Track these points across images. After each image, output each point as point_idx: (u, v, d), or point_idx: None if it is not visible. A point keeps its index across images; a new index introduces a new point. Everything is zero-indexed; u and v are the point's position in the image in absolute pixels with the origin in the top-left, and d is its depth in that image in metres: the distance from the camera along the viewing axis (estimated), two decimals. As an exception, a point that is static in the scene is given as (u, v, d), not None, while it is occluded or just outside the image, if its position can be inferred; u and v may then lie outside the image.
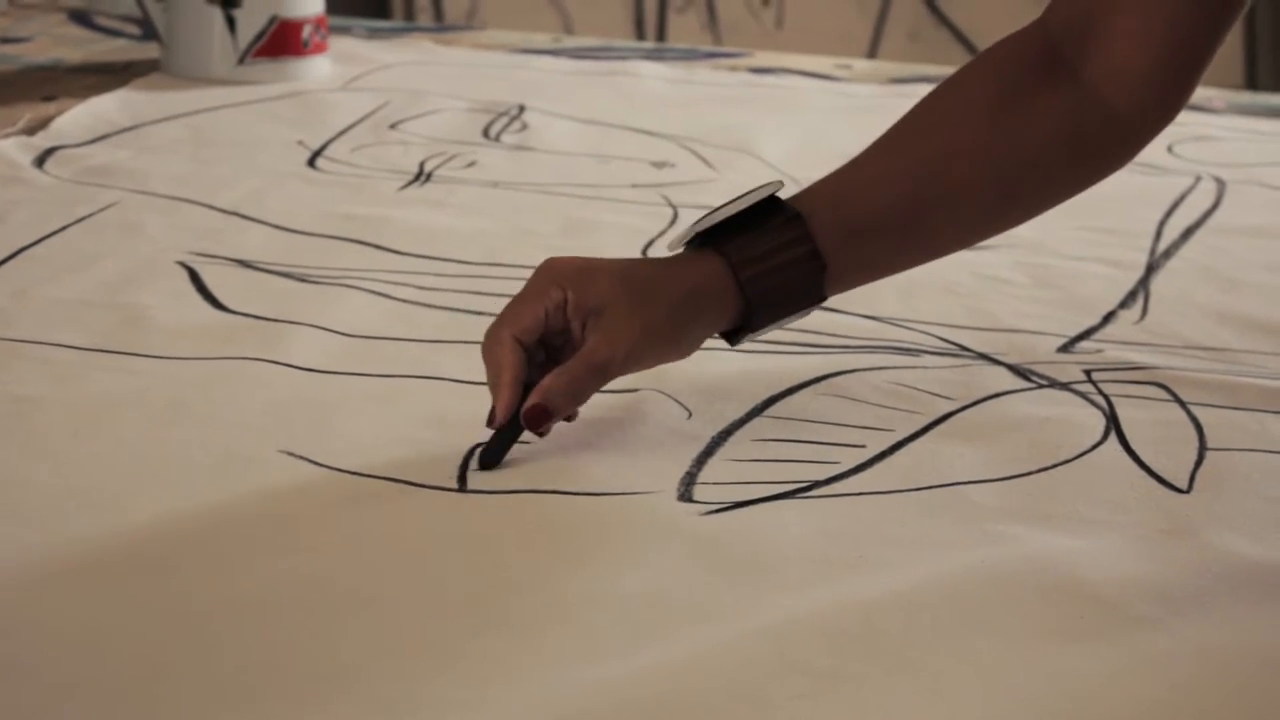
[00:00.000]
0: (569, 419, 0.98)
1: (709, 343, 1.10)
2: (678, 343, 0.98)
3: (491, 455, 0.96)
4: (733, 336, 1.01)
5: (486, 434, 0.98)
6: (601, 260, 0.98)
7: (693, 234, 0.99)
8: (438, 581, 0.86)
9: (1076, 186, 1.03)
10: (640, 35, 2.84)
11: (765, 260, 0.98)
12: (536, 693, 0.76)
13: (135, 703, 0.76)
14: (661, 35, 2.83)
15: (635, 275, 0.97)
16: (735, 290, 0.98)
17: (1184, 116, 1.66)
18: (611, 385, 1.05)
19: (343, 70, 1.76)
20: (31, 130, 1.53)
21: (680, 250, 1.00)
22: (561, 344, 0.97)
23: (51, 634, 0.80)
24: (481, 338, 0.97)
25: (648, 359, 0.98)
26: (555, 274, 0.97)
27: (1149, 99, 1.00)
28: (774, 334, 1.10)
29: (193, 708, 0.76)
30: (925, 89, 1.73)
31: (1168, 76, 0.99)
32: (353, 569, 0.86)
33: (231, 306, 1.17)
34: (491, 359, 0.97)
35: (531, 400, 0.95)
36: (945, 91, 1.04)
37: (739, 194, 0.99)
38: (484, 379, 1.04)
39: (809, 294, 1.00)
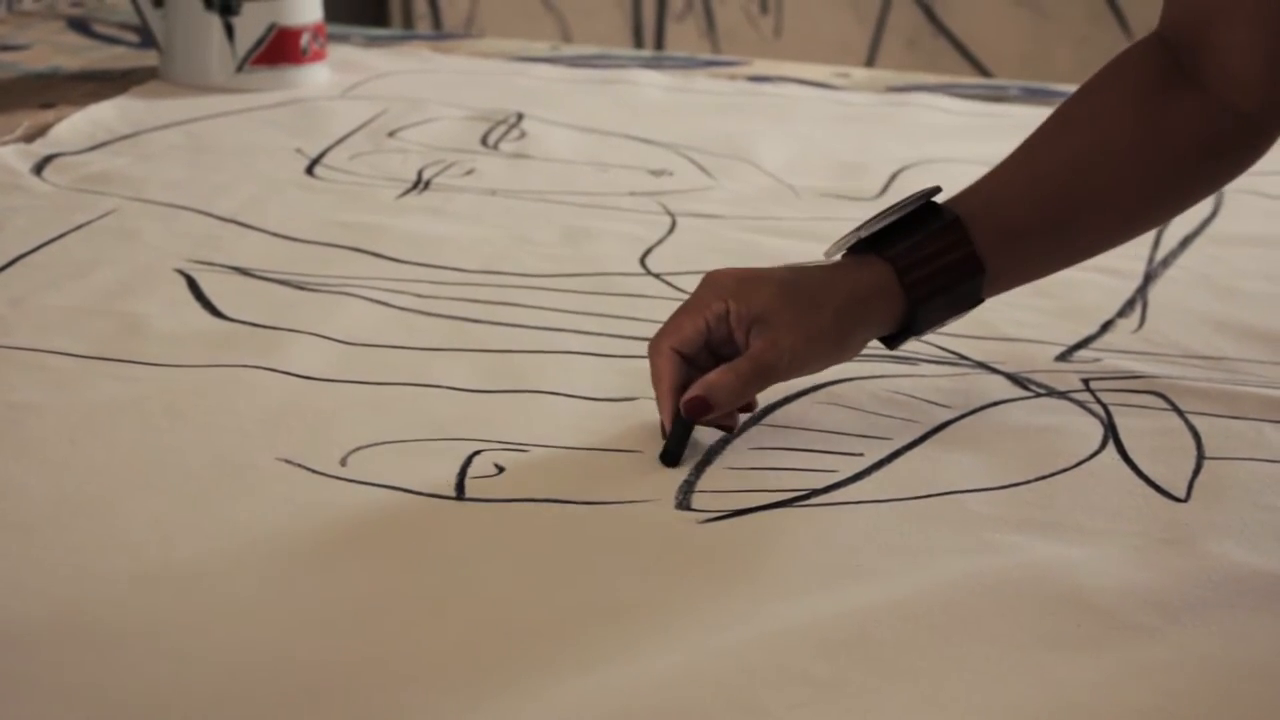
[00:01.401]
0: (728, 429, 1.00)
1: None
2: (842, 346, 1.00)
3: (671, 454, 0.98)
4: (891, 341, 1.03)
5: (481, 444, 0.98)
6: (763, 270, 1.00)
7: (855, 240, 1.01)
8: (434, 590, 0.85)
9: (1214, 184, 1.06)
10: (638, 43, 2.84)
11: (928, 264, 1.00)
12: (533, 702, 0.76)
13: (130, 709, 0.76)
14: (660, 43, 2.83)
15: (798, 283, 0.99)
16: (899, 294, 1.00)
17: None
18: (610, 392, 1.05)
19: (341, 78, 1.76)
20: (30, 137, 1.53)
21: (838, 257, 1.02)
22: (730, 354, 0.99)
23: (48, 640, 0.80)
24: (482, 345, 0.98)
25: (813, 363, 1.00)
26: (717, 286, 0.99)
27: (1270, 99, 1.02)
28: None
29: (189, 715, 0.76)
30: (923, 97, 1.74)
31: None
32: (349, 577, 0.86)
33: (229, 314, 1.17)
34: (653, 369, 0.99)
35: (693, 392, 0.97)
36: (1081, 98, 1.05)
37: (896, 202, 1.01)
38: (482, 387, 1.05)
39: (968, 297, 1.02)
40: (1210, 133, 1.02)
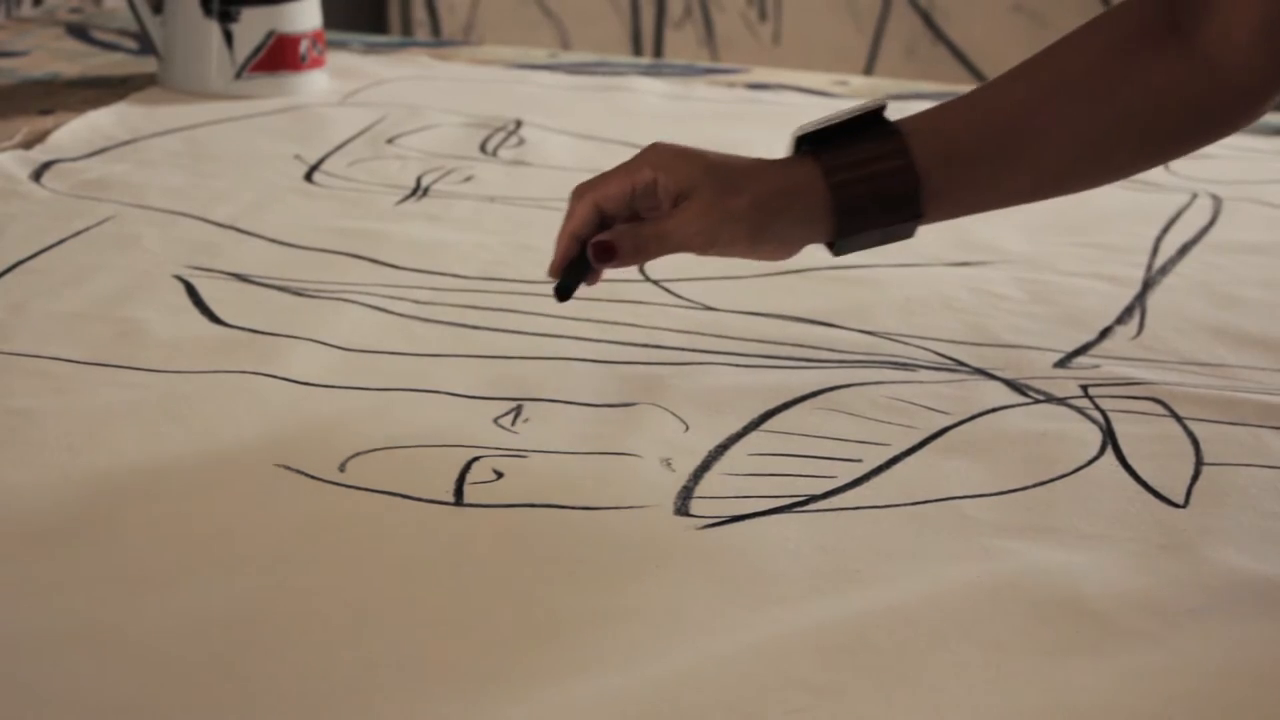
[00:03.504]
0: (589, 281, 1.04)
1: (707, 356, 1.11)
2: (759, 234, 1.02)
3: (567, 289, 1.04)
4: (833, 247, 1.05)
5: (480, 449, 0.98)
6: (699, 150, 1.03)
7: (793, 140, 1.03)
8: (433, 596, 0.86)
9: (1180, 147, 1.06)
10: (637, 50, 2.84)
11: (858, 168, 1.02)
12: (532, 707, 0.76)
13: (130, 714, 0.76)
14: (659, 51, 2.83)
15: (726, 166, 1.02)
16: (825, 193, 1.02)
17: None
18: (609, 398, 1.05)
19: (340, 84, 1.76)
20: (29, 144, 1.53)
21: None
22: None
23: (47, 646, 0.80)
24: (481, 351, 0.99)
25: (723, 245, 1.02)
26: (651, 157, 1.03)
27: (1259, 62, 1.01)
28: (773, 348, 1.10)
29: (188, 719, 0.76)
30: (921, 105, 1.74)
31: (1278, 39, 1.00)
32: (348, 583, 0.86)
33: (228, 320, 1.17)
34: (569, 210, 1.03)
35: (603, 236, 1.01)
36: (1059, 43, 1.06)
37: (845, 109, 1.04)
38: (481, 393, 1.05)
39: (903, 208, 1.03)
40: (1182, 94, 1.02)
